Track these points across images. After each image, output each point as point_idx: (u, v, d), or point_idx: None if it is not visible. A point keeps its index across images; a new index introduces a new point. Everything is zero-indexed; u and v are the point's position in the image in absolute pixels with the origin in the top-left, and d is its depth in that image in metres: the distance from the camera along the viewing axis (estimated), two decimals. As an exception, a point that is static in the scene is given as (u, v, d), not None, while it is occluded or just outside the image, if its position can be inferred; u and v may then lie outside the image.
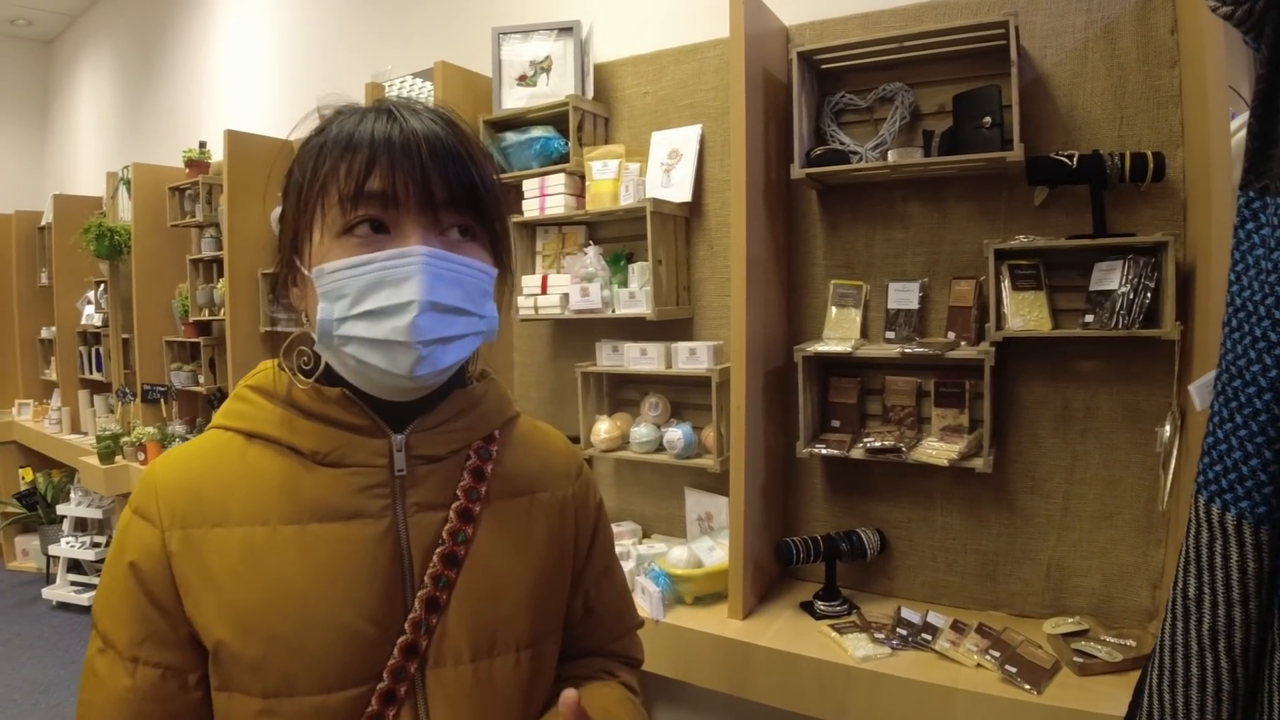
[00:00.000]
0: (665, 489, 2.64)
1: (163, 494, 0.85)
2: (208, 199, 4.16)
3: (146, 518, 0.84)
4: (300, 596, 0.82)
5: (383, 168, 0.80)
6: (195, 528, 0.83)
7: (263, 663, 0.81)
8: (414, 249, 0.80)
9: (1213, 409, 0.90)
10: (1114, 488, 1.97)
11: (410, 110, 0.84)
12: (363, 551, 0.84)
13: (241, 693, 0.82)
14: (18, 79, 7.00)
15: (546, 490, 1.00)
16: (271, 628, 0.81)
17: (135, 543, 0.84)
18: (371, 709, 0.83)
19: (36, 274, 6.08)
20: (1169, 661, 0.94)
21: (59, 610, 5.18)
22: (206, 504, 0.84)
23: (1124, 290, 1.82)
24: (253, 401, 0.90)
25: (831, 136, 2.20)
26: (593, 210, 2.52)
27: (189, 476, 0.86)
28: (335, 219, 0.82)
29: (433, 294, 0.79)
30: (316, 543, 0.83)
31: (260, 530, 0.83)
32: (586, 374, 2.57)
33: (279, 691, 0.81)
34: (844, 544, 2.15)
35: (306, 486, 0.85)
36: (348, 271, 0.80)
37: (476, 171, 0.84)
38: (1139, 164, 1.83)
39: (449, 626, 0.87)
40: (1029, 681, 1.70)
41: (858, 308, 2.22)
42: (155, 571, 0.83)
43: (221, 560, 0.82)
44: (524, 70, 2.76)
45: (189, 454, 0.89)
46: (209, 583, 0.82)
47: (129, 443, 4.40)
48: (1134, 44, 1.91)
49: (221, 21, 4.77)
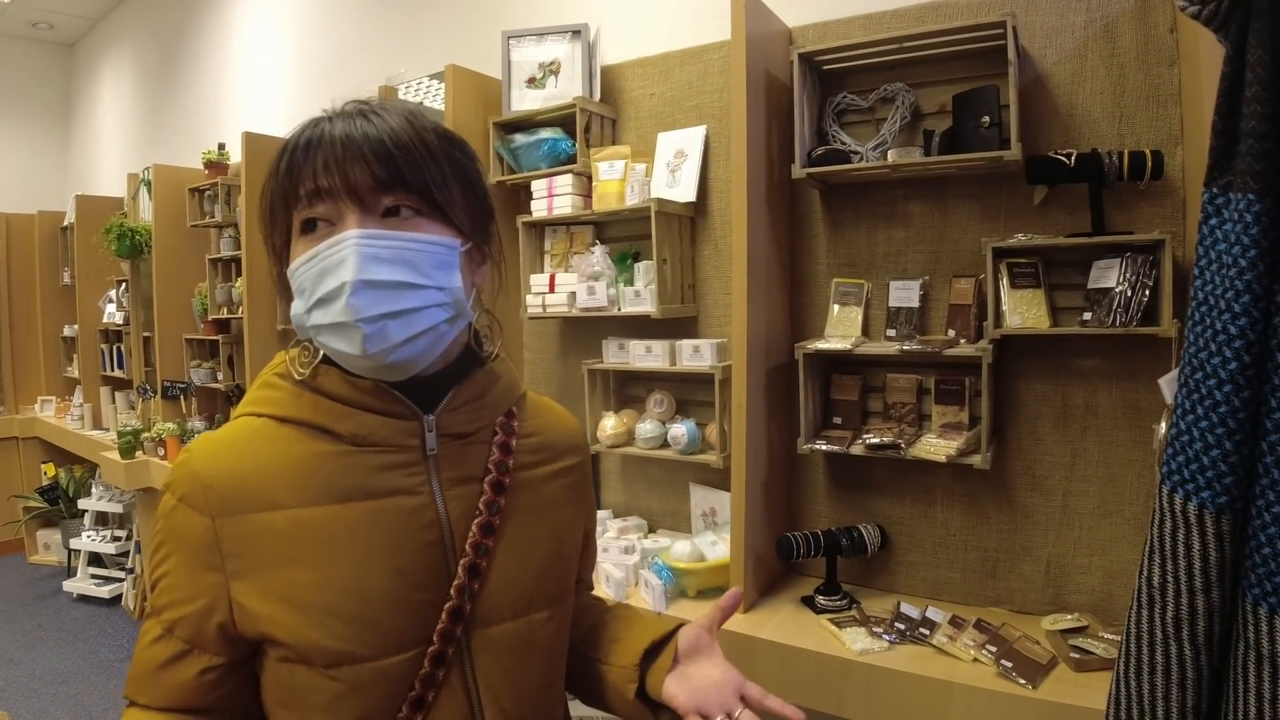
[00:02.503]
0: (670, 484, 2.67)
1: (208, 482, 0.88)
2: (226, 200, 4.22)
3: (194, 506, 0.87)
4: (351, 571, 0.87)
5: (311, 170, 0.86)
6: (244, 514, 0.87)
7: (324, 638, 0.86)
8: (347, 233, 0.84)
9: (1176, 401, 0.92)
10: (1114, 485, 1.98)
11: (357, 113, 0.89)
12: (404, 525, 0.90)
13: (303, 664, 0.87)
14: (40, 82, 7.11)
15: (562, 459, 1.08)
16: (328, 604, 0.86)
17: (183, 529, 0.87)
18: (424, 670, 0.89)
19: (59, 273, 6.18)
20: (1134, 649, 0.96)
21: (79, 603, 5.27)
22: (252, 490, 0.88)
23: (1122, 288, 1.83)
24: (282, 388, 0.94)
25: (833, 137, 2.22)
26: (599, 210, 2.55)
27: (231, 464, 0.89)
28: (292, 221, 0.89)
29: (364, 273, 0.83)
30: (361, 519, 0.89)
31: (307, 512, 0.88)
32: (593, 371, 2.60)
33: (339, 661, 0.86)
34: (845, 539, 2.17)
35: (345, 468, 0.90)
36: (303, 266, 0.86)
37: (397, 144, 0.86)
38: (1137, 162, 1.84)
39: (490, 590, 0.93)
40: (1024, 676, 1.72)
41: (859, 306, 2.24)
42: (206, 559, 0.87)
43: (273, 543, 0.87)
44: (533, 73, 2.79)
45: (227, 441, 0.92)
46: (262, 566, 0.87)
47: (149, 438, 4.46)
48: (1133, 43, 1.92)
49: (240, 26, 4.84)
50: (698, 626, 1.00)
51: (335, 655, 0.86)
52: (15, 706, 3.89)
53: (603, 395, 2.66)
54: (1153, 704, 0.93)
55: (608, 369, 2.61)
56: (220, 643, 0.88)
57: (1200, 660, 0.90)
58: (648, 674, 1.00)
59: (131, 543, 5.20)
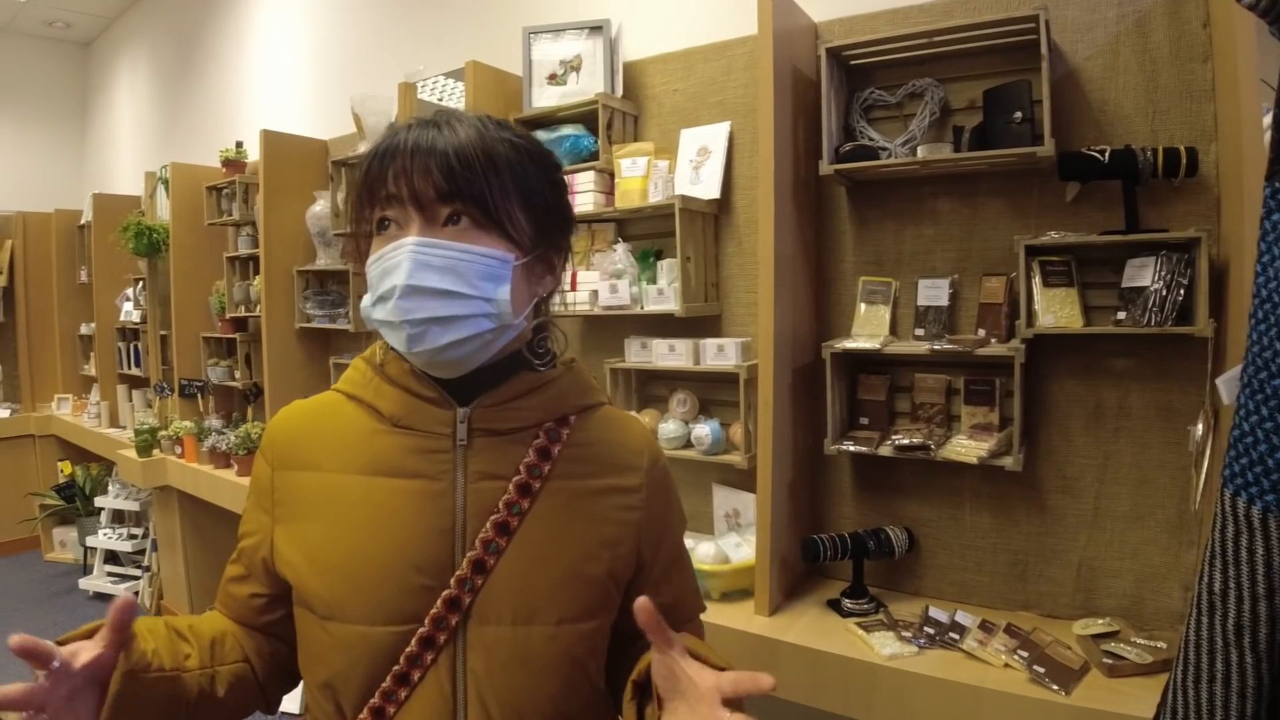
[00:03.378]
0: (693, 485, 2.64)
1: (276, 439, 1.05)
2: (244, 198, 4.21)
3: (265, 457, 1.05)
4: (359, 537, 0.95)
5: (389, 175, 0.92)
6: (293, 470, 1.01)
7: (322, 589, 0.95)
8: (406, 240, 0.91)
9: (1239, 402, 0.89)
10: (1146, 487, 1.95)
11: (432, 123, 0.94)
12: (417, 507, 0.96)
13: (307, 609, 0.98)
14: (57, 81, 7.13)
15: (613, 477, 1.05)
16: (333, 560, 0.95)
17: (257, 474, 1.05)
18: (411, 649, 0.93)
19: (76, 271, 6.19)
20: (1193, 657, 0.93)
21: (95, 600, 5.28)
22: (302, 451, 1.02)
23: (1157, 287, 1.80)
24: (358, 369, 1.06)
25: (860, 133, 2.19)
26: (622, 207, 2.53)
27: (294, 426, 1.05)
28: (368, 222, 0.97)
29: (412, 278, 0.90)
30: (379, 493, 0.96)
31: (337, 477, 0.98)
32: (615, 370, 2.58)
33: (333, 615, 0.94)
34: (871, 542, 2.14)
35: (382, 444, 0.99)
36: (372, 266, 0.94)
37: (461, 158, 0.91)
38: (1172, 159, 1.81)
39: (494, 589, 0.95)
40: (1057, 682, 1.69)
41: (887, 304, 2.21)
42: (263, 502, 1.03)
43: (305, 499, 0.99)
44: (554, 69, 2.78)
45: (301, 409, 1.07)
46: (295, 517, 1.00)
47: (166, 436, 4.46)
48: (1166, 38, 1.88)
49: (257, 23, 4.84)
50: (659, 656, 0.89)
51: (329, 608, 0.94)
52: (32, 704, 3.88)
53: (624, 395, 2.64)
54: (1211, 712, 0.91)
55: (630, 368, 2.59)
56: (265, 574, 1.03)
57: (1261, 668, 0.87)
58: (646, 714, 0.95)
59: (148, 541, 5.21)
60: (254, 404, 4.27)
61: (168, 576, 4.85)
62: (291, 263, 3.86)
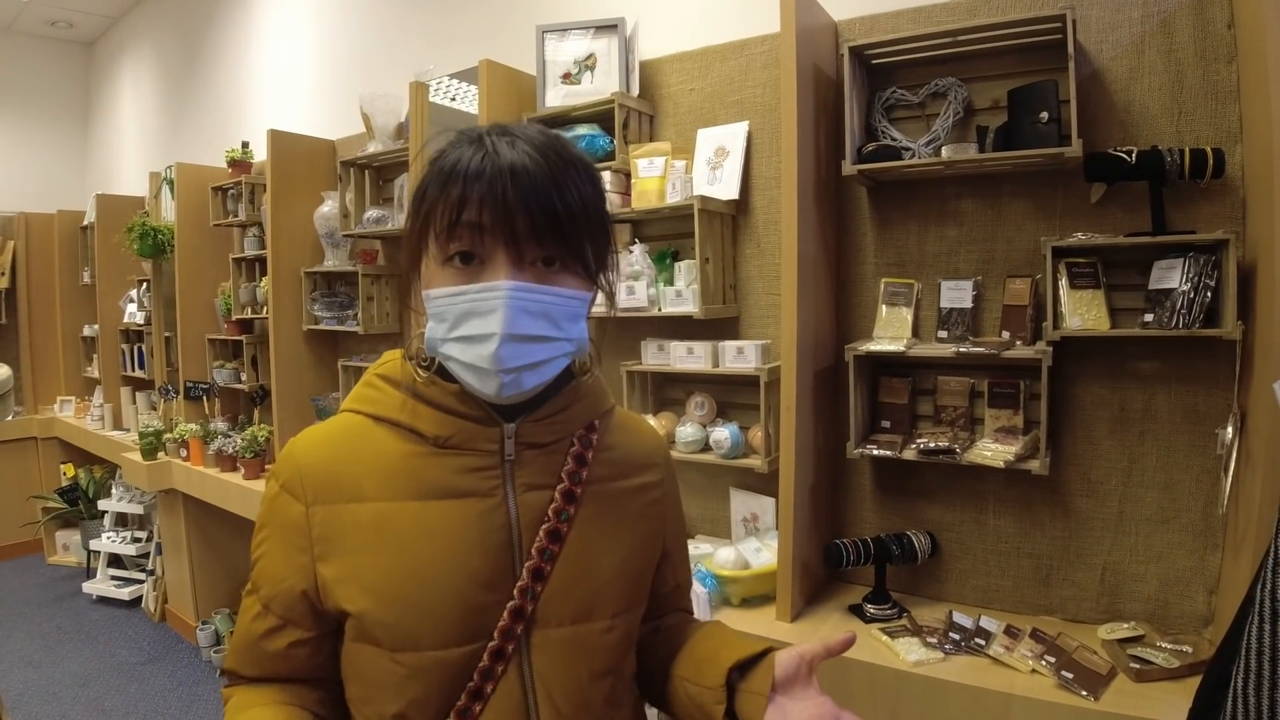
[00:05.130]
0: (710, 489, 2.62)
1: (306, 473, 0.96)
2: (250, 198, 4.20)
3: (293, 494, 0.96)
4: (424, 565, 0.92)
5: (472, 203, 0.86)
6: (335, 504, 0.94)
7: (392, 621, 0.91)
8: (500, 284, 0.87)
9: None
10: (1172, 491, 1.93)
11: (508, 139, 0.89)
12: (476, 526, 0.94)
13: (372, 645, 0.93)
14: (60, 81, 7.10)
15: (640, 475, 1.09)
16: (399, 591, 0.92)
17: (282, 513, 0.96)
18: (483, 664, 0.93)
19: (79, 273, 6.17)
20: (1255, 664, 0.91)
21: (99, 604, 5.26)
22: (343, 482, 0.95)
23: (1184, 289, 1.78)
24: (381, 389, 1.00)
25: (883, 133, 2.17)
26: (639, 208, 2.51)
27: (325, 458, 0.97)
28: (438, 248, 0.90)
29: (513, 327, 0.87)
30: (436, 517, 0.93)
31: (389, 506, 0.94)
32: (632, 373, 2.56)
33: (404, 646, 0.91)
34: (895, 547, 2.12)
35: (428, 467, 0.95)
36: (446, 300, 0.89)
37: (562, 200, 0.88)
38: (1199, 160, 1.79)
39: (552, 593, 0.96)
40: (1085, 688, 1.68)
41: (909, 306, 2.19)
42: (298, 541, 0.95)
43: (358, 533, 0.93)
44: (568, 68, 2.76)
45: (325, 436, 1.00)
46: (347, 553, 0.93)
47: (171, 439, 4.44)
48: (1191, 38, 1.87)
49: (263, 21, 4.81)
50: (798, 655, 0.98)
51: (399, 640, 0.91)
52: (35, 710, 3.87)
53: (641, 397, 2.62)
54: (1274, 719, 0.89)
55: (646, 370, 2.57)
56: (309, 617, 0.96)
57: (1326, 677, 0.85)
58: (738, 695, 0.99)
59: (152, 544, 5.18)
60: (260, 407, 4.25)
61: (172, 580, 4.83)
62: (299, 264, 3.84)
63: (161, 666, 4.35)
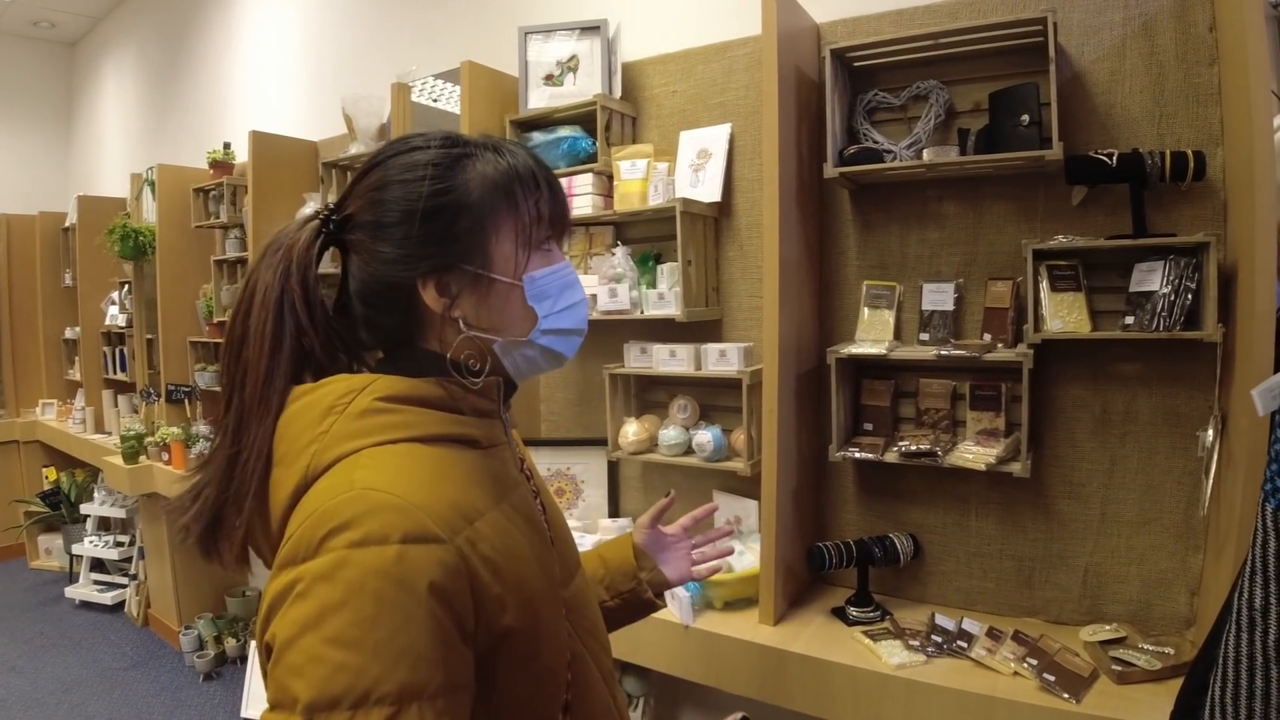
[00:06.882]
0: (693, 492, 2.62)
1: (428, 510, 0.80)
2: (232, 200, 4.16)
3: (426, 539, 0.78)
4: (534, 558, 0.93)
5: (560, 198, 1.01)
6: (469, 526, 0.84)
7: (541, 625, 0.89)
8: (566, 260, 1.02)
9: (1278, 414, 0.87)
10: (1153, 493, 1.94)
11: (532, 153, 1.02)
12: (532, 511, 1.00)
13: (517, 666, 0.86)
14: (41, 81, 7.05)
15: (527, 446, 1.22)
16: (536, 589, 0.90)
17: (425, 568, 0.77)
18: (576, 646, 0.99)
19: (60, 275, 6.12)
20: (1233, 674, 0.91)
21: (81, 609, 5.22)
22: (459, 504, 0.84)
23: (1165, 291, 1.78)
24: (406, 410, 0.90)
25: (865, 135, 2.17)
26: (621, 210, 2.50)
27: (430, 487, 0.83)
28: (540, 235, 0.98)
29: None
30: (514, 512, 0.94)
31: (495, 514, 0.89)
32: (614, 376, 2.55)
33: (544, 645, 0.90)
34: (877, 549, 2.12)
35: (489, 469, 0.95)
36: (553, 276, 0.98)
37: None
38: (1179, 163, 1.79)
39: (560, 555, 1.03)
40: (1067, 690, 1.67)
41: (891, 309, 2.19)
42: (459, 589, 0.79)
43: (493, 547, 0.85)
44: (551, 70, 2.74)
45: (407, 469, 0.85)
46: (495, 568, 0.84)
47: (153, 443, 4.41)
48: (1172, 41, 1.87)
49: (246, 22, 4.78)
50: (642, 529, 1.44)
51: (542, 639, 0.90)
52: (17, 716, 3.83)
53: (624, 401, 2.61)
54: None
55: (629, 374, 2.56)
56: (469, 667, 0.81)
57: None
58: (643, 578, 1.37)
59: (135, 548, 5.14)
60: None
61: (155, 585, 4.80)
62: (281, 266, 3.79)
63: (145, 672, 4.32)
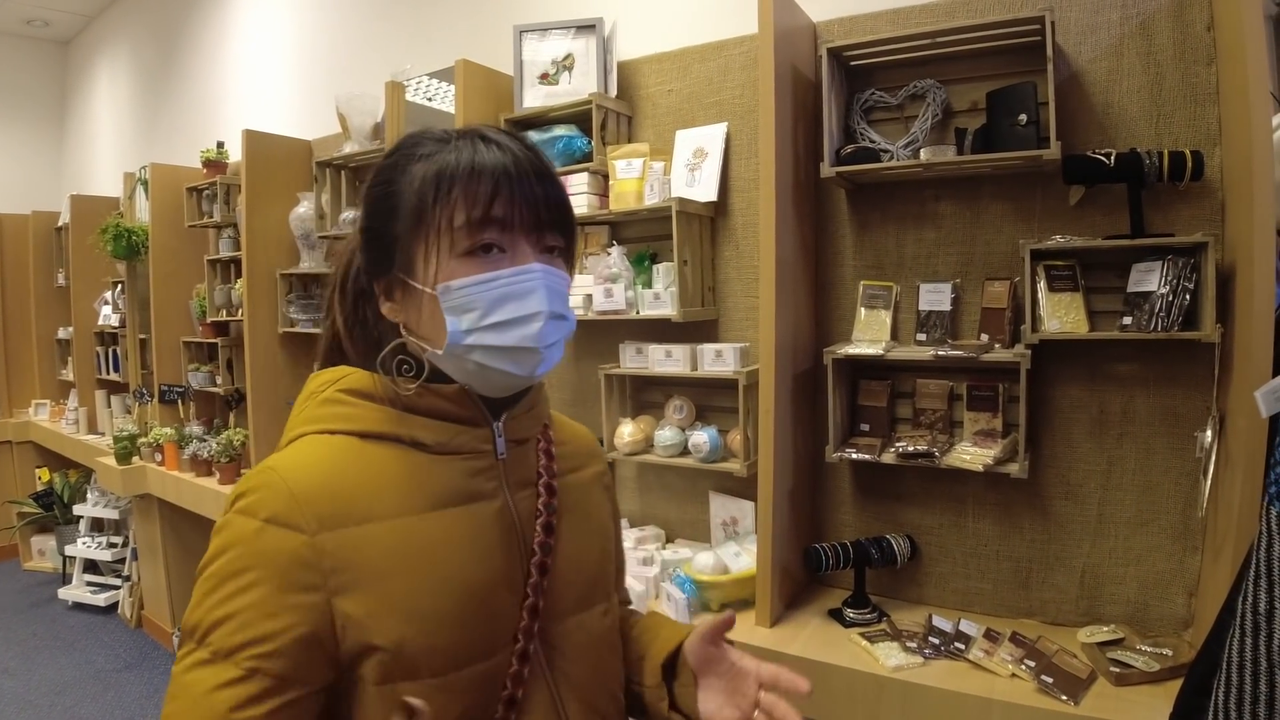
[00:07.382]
0: (689, 493, 2.61)
1: (303, 500, 0.85)
2: (225, 199, 4.14)
3: (287, 525, 0.84)
4: (453, 574, 0.89)
5: (504, 195, 0.89)
6: (343, 528, 0.85)
7: (436, 642, 0.86)
8: (533, 266, 0.90)
9: None
10: (1151, 493, 1.93)
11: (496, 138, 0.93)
12: (491, 527, 0.94)
13: (408, 679, 0.85)
14: (35, 80, 7.02)
15: (591, 465, 1.14)
16: (439, 608, 0.87)
17: (272, 550, 0.83)
18: (514, 668, 0.92)
19: (53, 274, 6.09)
20: (1236, 678, 0.90)
21: (75, 610, 5.20)
22: (350, 503, 0.87)
23: (1163, 292, 1.78)
24: (358, 404, 0.94)
25: (861, 134, 2.16)
26: (617, 210, 2.49)
27: (324, 479, 0.88)
28: (460, 240, 0.89)
29: (551, 305, 0.91)
30: (453, 525, 0.91)
31: (406, 521, 0.88)
32: (610, 376, 2.54)
33: (448, 667, 0.87)
34: (874, 550, 2.11)
35: (434, 476, 0.92)
36: (477, 288, 0.89)
37: (561, 195, 0.95)
38: (1178, 163, 1.79)
39: (557, 585, 0.98)
40: (1065, 692, 1.67)
41: (888, 309, 2.18)
42: (302, 578, 0.83)
43: (378, 554, 0.86)
44: (546, 68, 2.73)
45: (313, 458, 0.90)
46: (370, 578, 0.85)
47: (146, 443, 4.39)
48: (1170, 41, 1.87)
49: (239, 21, 4.76)
50: (699, 640, 1.04)
51: (444, 661, 0.87)
52: (11, 719, 3.81)
53: (619, 401, 2.60)
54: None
55: (625, 374, 2.55)
56: (317, 667, 0.83)
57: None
58: (675, 693, 1.06)
59: (128, 549, 5.12)
60: (236, 410, 4.20)
61: (148, 586, 4.78)
62: (274, 266, 3.79)
63: (138, 673, 4.31)
